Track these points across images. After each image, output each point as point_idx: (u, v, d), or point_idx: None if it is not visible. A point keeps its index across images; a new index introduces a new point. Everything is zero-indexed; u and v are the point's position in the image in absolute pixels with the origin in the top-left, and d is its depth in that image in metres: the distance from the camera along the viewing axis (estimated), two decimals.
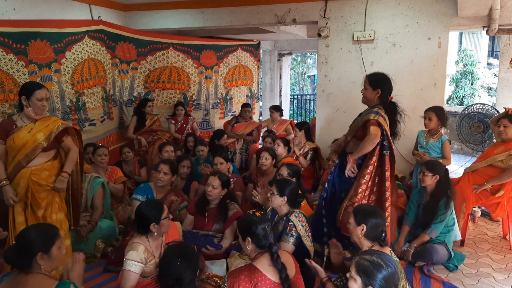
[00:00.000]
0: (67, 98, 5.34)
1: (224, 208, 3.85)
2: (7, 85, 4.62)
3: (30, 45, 4.79)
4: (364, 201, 3.55)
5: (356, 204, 3.48)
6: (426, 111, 4.64)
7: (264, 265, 2.36)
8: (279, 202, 3.30)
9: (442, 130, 4.71)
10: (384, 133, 3.49)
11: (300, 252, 3.13)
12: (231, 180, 4.59)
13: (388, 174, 3.56)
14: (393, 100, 3.66)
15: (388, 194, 3.57)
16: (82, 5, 6.12)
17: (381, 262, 2.01)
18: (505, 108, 4.40)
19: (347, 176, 3.62)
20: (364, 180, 3.55)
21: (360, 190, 3.54)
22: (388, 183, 3.55)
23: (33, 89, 3.33)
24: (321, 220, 3.87)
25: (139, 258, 2.71)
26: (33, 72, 4.86)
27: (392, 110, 3.62)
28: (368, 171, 3.55)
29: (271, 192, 3.35)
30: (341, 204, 3.63)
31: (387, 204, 3.58)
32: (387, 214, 3.55)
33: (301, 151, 5.37)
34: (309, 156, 5.44)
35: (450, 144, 4.65)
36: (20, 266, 2.27)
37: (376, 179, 3.61)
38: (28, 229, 2.40)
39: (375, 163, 3.55)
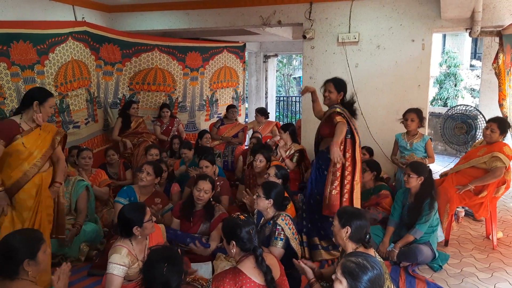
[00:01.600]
0: None
1: (210, 209, 3.85)
2: None
3: (13, 46, 4.72)
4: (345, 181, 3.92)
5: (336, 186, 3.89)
6: (408, 112, 4.69)
7: (248, 268, 2.36)
8: (265, 205, 3.30)
9: (422, 131, 4.78)
10: (346, 119, 3.89)
11: (287, 255, 3.14)
12: (218, 183, 4.59)
13: (348, 155, 3.93)
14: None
15: (349, 178, 3.95)
16: (65, 6, 6.05)
17: (367, 264, 2.01)
18: None
19: (336, 160, 3.79)
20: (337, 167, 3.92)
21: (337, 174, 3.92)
22: (347, 164, 3.92)
23: (48, 96, 3.32)
24: (302, 214, 4.16)
25: (122, 261, 2.69)
26: (16, 73, 4.79)
27: (352, 105, 4.08)
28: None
29: (257, 194, 3.35)
30: (323, 193, 3.96)
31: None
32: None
33: (287, 153, 5.38)
34: (295, 158, 5.45)
35: (432, 141, 4.74)
36: (6, 273, 2.23)
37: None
38: (12, 236, 2.35)
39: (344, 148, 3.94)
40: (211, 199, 3.89)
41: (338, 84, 4.05)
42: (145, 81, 6.98)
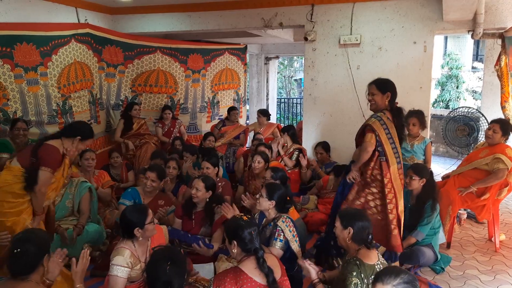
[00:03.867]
0: (54, 101, 5.28)
1: (210, 211, 3.85)
2: None
3: (16, 48, 4.74)
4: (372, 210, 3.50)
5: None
6: (410, 117, 4.67)
7: (249, 268, 2.37)
8: (267, 206, 3.30)
9: (424, 133, 4.78)
10: (377, 138, 3.41)
11: (288, 257, 3.14)
12: (219, 184, 4.59)
13: (386, 180, 3.42)
14: (398, 106, 3.63)
15: (392, 206, 3.45)
16: (68, 8, 6.08)
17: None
18: None
19: (348, 181, 3.60)
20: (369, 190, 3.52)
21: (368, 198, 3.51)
22: (387, 190, 3.42)
23: (91, 136, 3.42)
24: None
25: (125, 263, 2.69)
26: (19, 75, 4.81)
27: (400, 115, 3.59)
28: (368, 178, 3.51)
29: (259, 194, 3.35)
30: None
31: (391, 216, 3.47)
32: (392, 226, 3.47)
33: (287, 152, 5.45)
34: (294, 157, 5.50)
35: (432, 145, 4.73)
36: (23, 272, 2.28)
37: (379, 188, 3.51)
38: (26, 236, 2.37)
39: (373, 169, 3.48)
40: (208, 200, 3.88)
41: (382, 84, 3.50)
42: (147, 83, 6.99)
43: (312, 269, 2.69)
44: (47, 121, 5.18)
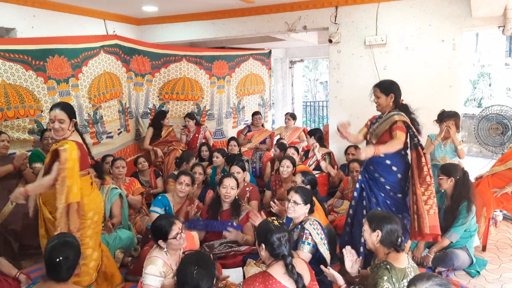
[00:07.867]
0: (85, 112, 5.45)
1: (237, 206, 3.91)
2: (27, 100, 4.75)
3: (49, 61, 4.92)
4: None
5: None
6: (446, 119, 4.56)
7: (278, 273, 2.37)
8: (303, 211, 3.27)
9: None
10: (411, 132, 3.52)
11: (317, 260, 3.12)
12: (247, 189, 4.63)
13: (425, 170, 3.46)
14: (404, 102, 3.72)
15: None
16: (97, 20, 6.28)
17: None
18: None
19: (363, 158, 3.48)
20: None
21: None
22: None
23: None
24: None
25: (158, 272, 2.74)
26: (52, 87, 4.98)
27: (407, 111, 3.67)
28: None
29: (293, 201, 3.26)
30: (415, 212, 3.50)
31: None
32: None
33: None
34: (327, 161, 5.49)
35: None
36: (67, 277, 2.43)
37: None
38: (63, 242, 2.50)
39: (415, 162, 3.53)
40: (237, 197, 3.94)
41: (384, 87, 3.68)
42: (174, 91, 7.11)
43: (338, 275, 2.66)
44: None
